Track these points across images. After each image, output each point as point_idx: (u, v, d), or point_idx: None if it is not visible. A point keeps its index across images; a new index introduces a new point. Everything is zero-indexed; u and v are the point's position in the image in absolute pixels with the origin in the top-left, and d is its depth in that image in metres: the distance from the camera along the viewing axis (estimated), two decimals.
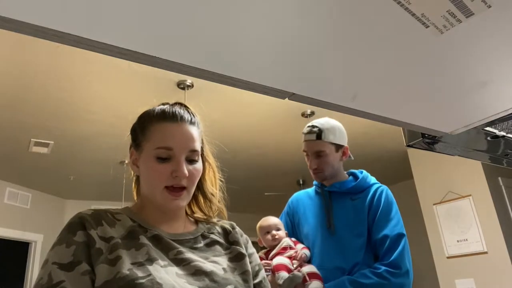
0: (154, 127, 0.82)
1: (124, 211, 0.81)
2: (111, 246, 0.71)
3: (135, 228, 0.77)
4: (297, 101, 0.51)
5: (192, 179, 0.80)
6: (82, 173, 4.66)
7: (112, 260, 0.69)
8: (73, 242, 0.70)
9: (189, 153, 0.81)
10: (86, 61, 2.71)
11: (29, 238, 4.96)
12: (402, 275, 1.33)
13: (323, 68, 0.48)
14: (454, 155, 0.84)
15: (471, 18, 0.40)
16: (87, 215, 0.74)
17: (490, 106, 0.62)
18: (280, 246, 1.45)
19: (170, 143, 0.79)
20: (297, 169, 5.02)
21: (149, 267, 0.69)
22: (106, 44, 0.35)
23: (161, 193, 0.78)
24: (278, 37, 0.41)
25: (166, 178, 0.77)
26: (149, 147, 0.80)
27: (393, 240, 1.38)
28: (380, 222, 1.42)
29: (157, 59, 0.38)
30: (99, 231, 0.72)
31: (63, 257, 0.69)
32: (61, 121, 3.46)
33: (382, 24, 0.41)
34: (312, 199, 1.60)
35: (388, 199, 1.47)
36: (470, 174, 3.69)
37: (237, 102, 3.35)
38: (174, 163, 0.78)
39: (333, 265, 1.39)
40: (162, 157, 0.78)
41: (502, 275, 3.32)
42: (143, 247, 0.73)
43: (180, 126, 0.82)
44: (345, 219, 1.46)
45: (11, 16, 0.30)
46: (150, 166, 0.79)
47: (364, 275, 1.34)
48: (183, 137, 0.81)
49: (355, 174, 1.58)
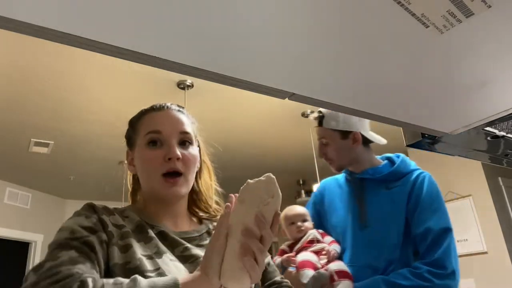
0: (143, 120, 0.83)
1: (129, 208, 0.81)
2: (122, 233, 0.70)
3: (142, 223, 0.76)
4: (297, 101, 0.51)
5: (187, 164, 0.79)
6: (82, 173, 4.66)
7: (123, 247, 0.68)
8: (92, 215, 0.70)
9: (181, 136, 0.80)
10: (86, 61, 2.71)
11: (29, 238, 4.96)
12: (447, 276, 1.13)
13: (323, 68, 0.48)
14: (454, 155, 0.84)
15: (471, 18, 0.40)
16: (98, 205, 0.74)
17: (490, 106, 0.62)
18: (306, 239, 1.29)
19: (159, 127, 0.79)
20: (297, 169, 5.02)
21: (158, 260, 0.69)
22: (106, 44, 0.35)
23: (158, 181, 0.77)
24: (278, 37, 0.41)
25: (161, 163, 0.76)
26: (140, 138, 0.80)
27: (437, 234, 1.17)
28: (422, 214, 1.20)
29: (157, 59, 0.38)
30: (110, 218, 0.72)
31: (83, 223, 0.67)
32: (61, 121, 3.46)
33: (382, 24, 0.41)
34: (341, 187, 1.41)
35: (432, 187, 1.25)
36: (470, 174, 3.69)
37: (237, 102, 3.36)
38: (166, 147, 0.78)
39: (365, 262, 1.22)
40: (153, 140, 0.78)
41: (502, 275, 3.32)
42: (152, 240, 0.72)
43: (167, 112, 0.83)
44: (379, 211, 1.26)
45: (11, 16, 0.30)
46: (143, 155, 0.79)
47: (402, 275, 1.14)
48: (171, 120, 0.81)
49: (391, 158, 1.38)
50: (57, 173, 4.62)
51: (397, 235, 1.22)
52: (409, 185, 1.26)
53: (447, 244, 1.16)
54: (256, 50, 0.42)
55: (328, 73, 0.49)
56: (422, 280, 1.12)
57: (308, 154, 4.01)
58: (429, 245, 1.17)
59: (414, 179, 1.27)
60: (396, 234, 1.22)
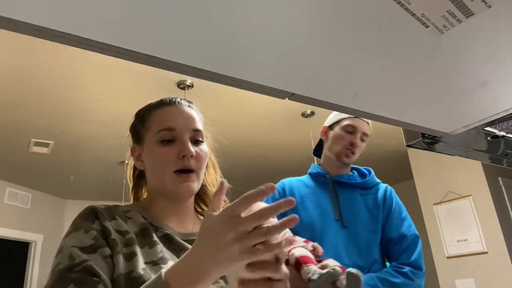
0: (153, 115, 0.80)
1: (133, 207, 0.79)
2: (126, 240, 0.69)
3: (147, 225, 0.74)
4: (297, 101, 0.51)
5: (199, 161, 0.78)
6: (82, 173, 4.66)
7: (127, 255, 0.67)
8: (91, 228, 0.68)
9: (193, 133, 0.79)
10: (86, 61, 2.71)
11: (29, 238, 4.96)
12: (422, 276, 1.30)
13: (323, 68, 0.48)
14: (454, 155, 0.84)
15: (471, 18, 0.40)
16: (100, 208, 0.72)
17: (490, 106, 0.62)
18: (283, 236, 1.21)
19: (172, 124, 0.77)
20: (297, 169, 5.01)
21: (163, 266, 0.67)
22: (106, 44, 0.35)
23: (170, 177, 0.75)
24: (278, 36, 0.41)
25: (174, 161, 0.75)
26: (151, 134, 0.78)
27: (410, 240, 1.34)
28: (395, 221, 1.38)
29: (157, 59, 0.38)
30: (113, 223, 0.70)
31: (83, 240, 0.65)
32: (61, 121, 3.46)
33: (382, 24, 0.41)
34: (310, 187, 1.47)
35: (398, 199, 1.45)
36: (470, 174, 3.69)
37: (237, 102, 3.36)
38: (179, 144, 0.76)
39: (351, 261, 1.28)
40: (166, 139, 0.76)
41: (502, 275, 3.32)
42: (157, 244, 0.71)
43: (179, 108, 0.81)
44: (356, 214, 1.39)
45: (11, 16, 0.30)
46: (155, 152, 0.77)
47: (390, 273, 1.28)
48: (184, 117, 0.79)
49: (359, 169, 1.54)
50: (57, 173, 4.62)
51: (376, 237, 1.36)
52: (381, 195, 1.43)
53: (419, 248, 1.34)
54: (256, 50, 0.42)
55: (328, 73, 0.49)
56: (407, 278, 1.27)
57: (308, 154, 4.01)
58: (404, 248, 1.34)
59: (385, 190, 1.46)
60: (375, 236, 1.37)
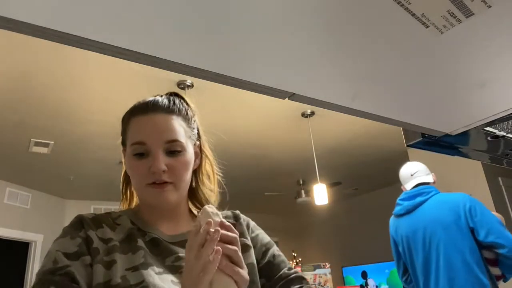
0: (129, 123, 0.78)
1: (126, 213, 0.79)
2: (108, 248, 0.69)
3: (133, 231, 0.75)
4: (297, 101, 0.51)
5: (175, 172, 0.74)
6: (82, 173, 4.66)
7: (107, 263, 0.67)
8: (77, 235, 0.70)
9: (167, 145, 0.74)
10: (86, 61, 2.71)
11: (29, 238, 4.96)
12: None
13: (323, 68, 0.48)
14: (454, 155, 0.84)
15: (471, 18, 0.40)
16: (88, 217, 0.73)
17: (490, 106, 0.62)
18: None
19: (142, 137, 0.74)
20: (297, 169, 5.02)
21: (143, 271, 0.67)
22: (106, 44, 0.35)
23: (146, 190, 0.74)
24: (279, 37, 0.41)
25: (145, 175, 0.73)
26: (128, 145, 0.77)
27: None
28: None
29: (157, 59, 0.38)
30: (98, 232, 0.71)
31: (68, 247, 0.68)
32: (61, 121, 3.46)
33: (382, 24, 0.41)
34: None
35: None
36: (470, 174, 3.68)
37: (237, 102, 3.36)
38: (151, 158, 0.73)
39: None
40: (138, 152, 0.74)
41: None
42: (140, 250, 0.71)
43: (150, 118, 0.76)
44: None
45: (11, 16, 0.30)
46: (130, 164, 0.76)
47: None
48: (154, 128, 0.75)
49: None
50: (57, 173, 4.62)
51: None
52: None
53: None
54: (257, 50, 0.42)
55: (328, 73, 0.49)
56: None
57: (308, 154, 4.02)
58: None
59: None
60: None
